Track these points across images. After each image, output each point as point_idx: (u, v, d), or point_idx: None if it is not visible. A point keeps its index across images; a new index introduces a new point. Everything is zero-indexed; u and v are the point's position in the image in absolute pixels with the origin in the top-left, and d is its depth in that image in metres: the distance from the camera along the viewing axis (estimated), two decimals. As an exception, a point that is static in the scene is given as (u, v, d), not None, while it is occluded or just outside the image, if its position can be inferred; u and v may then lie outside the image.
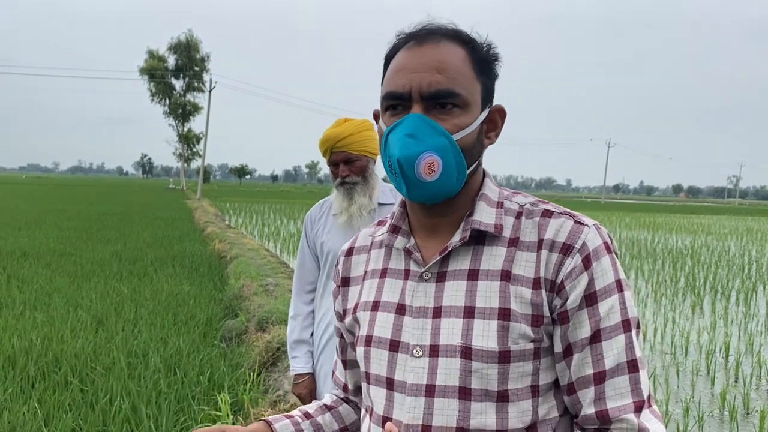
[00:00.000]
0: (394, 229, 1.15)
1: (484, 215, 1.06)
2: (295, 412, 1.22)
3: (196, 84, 60.29)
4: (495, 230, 1.05)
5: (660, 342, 7.14)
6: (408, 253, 1.11)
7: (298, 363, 2.59)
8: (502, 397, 1.00)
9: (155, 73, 58.98)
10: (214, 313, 7.05)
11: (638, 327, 1.03)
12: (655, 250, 17.27)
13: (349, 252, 1.26)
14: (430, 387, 1.03)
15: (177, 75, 59.88)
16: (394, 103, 1.04)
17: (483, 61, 1.06)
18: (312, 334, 2.62)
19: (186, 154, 63.07)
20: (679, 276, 12.32)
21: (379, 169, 2.58)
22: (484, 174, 1.13)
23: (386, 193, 2.56)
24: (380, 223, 1.24)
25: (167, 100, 60.17)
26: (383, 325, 1.10)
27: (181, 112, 60.53)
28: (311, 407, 1.26)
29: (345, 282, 1.24)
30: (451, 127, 1.01)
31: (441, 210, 1.09)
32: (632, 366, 1.00)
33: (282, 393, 4.47)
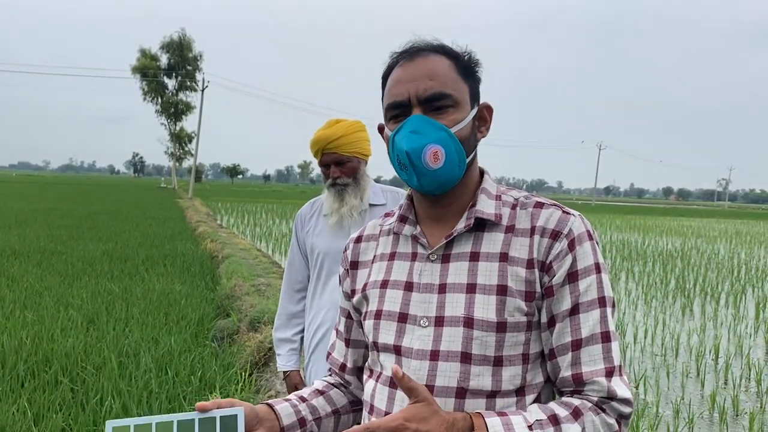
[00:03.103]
0: (402, 219, 1.29)
1: (486, 206, 1.21)
2: (291, 396, 1.32)
3: (188, 83, 60.01)
4: (495, 219, 1.20)
5: (650, 343, 7.18)
6: (415, 239, 1.26)
7: (281, 360, 2.62)
8: (498, 362, 1.14)
9: (147, 71, 58.69)
10: (205, 312, 7.03)
11: (613, 306, 1.17)
12: (646, 253, 17.36)
13: (358, 239, 1.39)
14: (434, 352, 1.16)
15: (169, 74, 59.62)
16: (396, 112, 1.20)
17: (466, 68, 1.23)
18: (298, 332, 2.63)
19: (178, 153, 62.84)
20: (669, 278, 12.39)
21: (370, 170, 2.58)
22: (483, 172, 1.28)
23: (377, 194, 2.55)
24: (387, 215, 1.37)
25: (159, 99, 59.87)
26: (392, 300, 1.24)
27: (174, 111, 60.26)
28: (305, 392, 1.35)
29: (354, 265, 1.37)
30: (448, 123, 1.16)
31: (445, 201, 1.23)
32: (605, 337, 1.13)
33: (274, 393, 4.47)
